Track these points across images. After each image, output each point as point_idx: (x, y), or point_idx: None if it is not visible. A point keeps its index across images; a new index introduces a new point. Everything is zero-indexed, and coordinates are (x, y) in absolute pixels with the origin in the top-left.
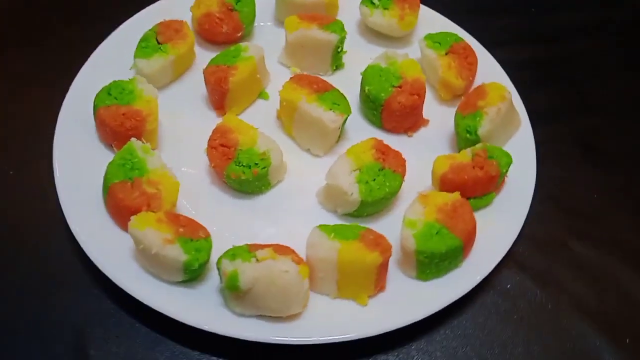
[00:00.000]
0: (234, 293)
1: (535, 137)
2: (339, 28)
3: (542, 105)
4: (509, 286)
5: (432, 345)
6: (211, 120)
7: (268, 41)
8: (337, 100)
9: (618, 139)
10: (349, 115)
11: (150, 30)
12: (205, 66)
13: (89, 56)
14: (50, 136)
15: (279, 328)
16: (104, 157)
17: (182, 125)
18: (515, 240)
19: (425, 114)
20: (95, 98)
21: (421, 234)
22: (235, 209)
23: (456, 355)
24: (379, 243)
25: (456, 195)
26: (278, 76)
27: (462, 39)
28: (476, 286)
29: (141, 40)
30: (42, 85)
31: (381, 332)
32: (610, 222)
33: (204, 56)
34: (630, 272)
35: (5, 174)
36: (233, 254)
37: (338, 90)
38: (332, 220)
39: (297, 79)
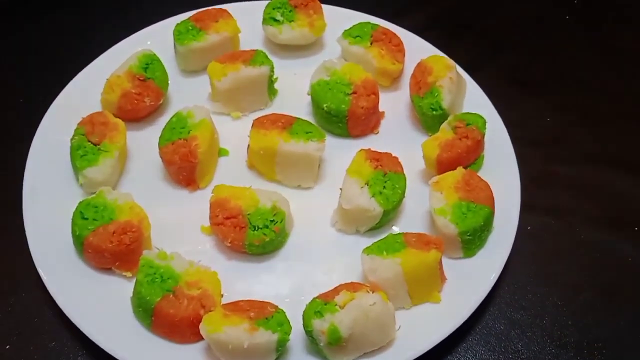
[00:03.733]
0: (337, 346)
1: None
2: (264, 57)
3: (463, 58)
4: (529, 227)
5: (514, 300)
6: (188, 198)
7: (189, 96)
8: (307, 129)
9: (540, 68)
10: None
11: (75, 135)
12: (142, 149)
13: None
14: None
15: (385, 357)
16: (112, 284)
17: (162, 214)
18: None
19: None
20: (73, 227)
21: (456, 217)
22: (266, 272)
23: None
24: (427, 241)
25: (460, 170)
26: (222, 127)
27: (377, 25)
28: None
29: (74, 149)
30: None
31: (469, 313)
32: (571, 137)
33: (132, 138)
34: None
35: None
36: (317, 311)
37: (301, 119)
38: (357, 240)
39: (259, 124)
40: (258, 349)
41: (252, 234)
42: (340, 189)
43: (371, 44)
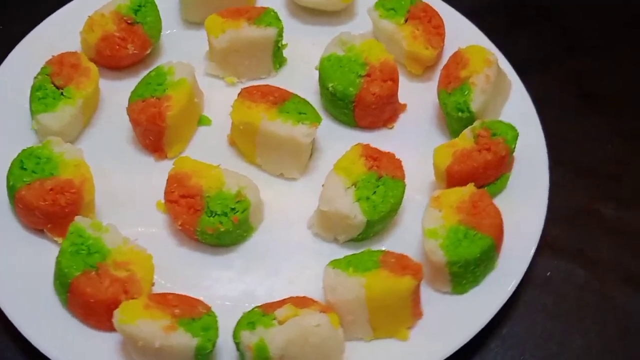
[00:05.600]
0: None
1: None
2: (274, 18)
3: (520, 55)
4: (548, 274)
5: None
6: (152, 166)
7: (183, 52)
8: (301, 109)
9: (615, 80)
10: (320, 123)
11: (40, 74)
12: (118, 102)
13: None
14: None
15: None
16: (40, 247)
17: (118, 181)
18: None
19: (400, 97)
20: (8, 177)
21: (448, 242)
22: (218, 268)
23: None
24: (405, 265)
25: (470, 187)
26: (212, 92)
27: None
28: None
29: (35, 90)
30: None
31: None
32: (635, 173)
33: (108, 88)
34: None
35: None
36: (250, 322)
37: (298, 96)
38: (334, 250)
39: (247, 94)
40: (171, 353)
41: (206, 220)
42: (323, 185)
43: (406, 21)
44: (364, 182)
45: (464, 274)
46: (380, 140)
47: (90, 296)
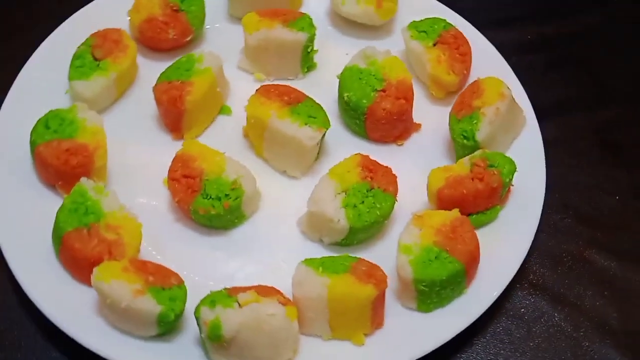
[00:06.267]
0: (217, 344)
1: (544, 135)
2: (307, 24)
3: (551, 96)
4: (522, 310)
5: None
6: (168, 145)
7: (223, 44)
8: (312, 113)
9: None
10: (327, 129)
11: (83, 44)
12: (153, 81)
13: (13, 78)
14: None
15: None
16: (49, 201)
17: (134, 153)
18: (528, 257)
19: (417, 116)
20: (31, 133)
21: (418, 260)
22: (206, 248)
23: None
24: (372, 274)
25: (455, 212)
26: (240, 85)
27: (451, 26)
28: (487, 312)
29: (75, 58)
30: None
31: None
32: (636, 230)
33: (149, 68)
34: None
35: None
36: (212, 300)
37: (313, 100)
38: (318, 251)
39: (264, 91)
40: (135, 315)
41: (199, 201)
42: (315, 187)
43: (435, 44)
44: (355, 190)
45: (430, 293)
46: (387, 155)
47: (77, 251)
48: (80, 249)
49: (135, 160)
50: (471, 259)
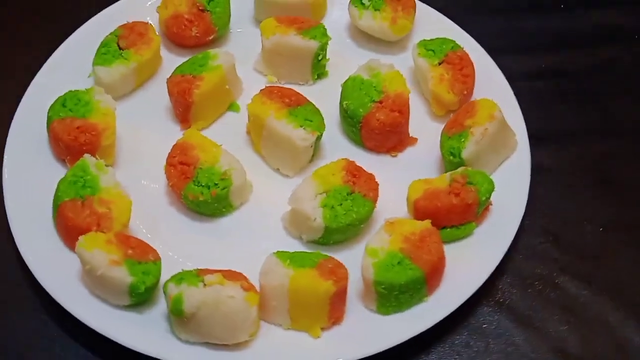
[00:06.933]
0: (179, 318)
1: (539, 162)
2: (320, 33)
3: (553, 124)
4: (485, 326)
5: None
6: (175, 134)
7: (245, 46)
8: (310, 116)
9: (636, 171)
10: (322, 133)
11: (111, 34)
12: (169, 74)
13: (44, 61)
14: None
15: (224, 356)
16: (57, 173)
17: (143, 139)
18: (499, 277)
19: (415, 131)
20: (49, 109)
21: (382, 263)
22: (193, 232)
23: None
24: (334, 271)
25: (426, 223)
26: (252, 85)
27: (460, 47)
28: (448, 324)
29: (101, 46)
30: None
31: None
32: (613, 262)
33: (172, 61)
34: (623, 317)
35: None
36: (181, 277)
37: (313, 105)
38: (297, 247)
39: (267, 92)
40: (108, 283)
41: (190, 187)
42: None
43: (440, 63)
44: (335, 192)
45: (388, 296)
46: (380, 164)
47: (69, 220)
48: (72, 218)
49: (144, 146)
50: (433, 269)
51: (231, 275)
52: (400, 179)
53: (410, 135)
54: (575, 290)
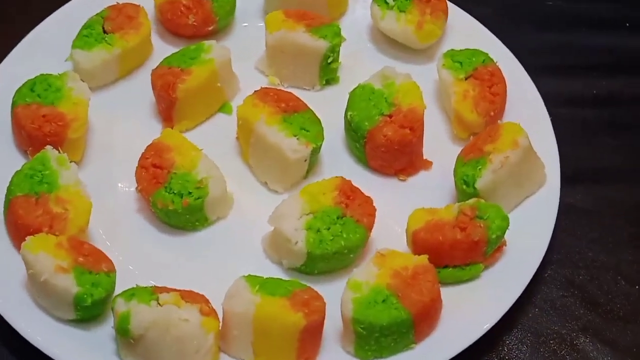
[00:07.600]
0: (125, 339)
1: (571, 201)
2: (332, 33)
3: (593, 159)
4: None
5: None
6: (156, 134)
7: (249, 42)
8: (307, 125)
9: None
10: (319, 146)
11: (97, 14)
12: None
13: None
14: None
15: None
16: (18, 165)
17: (119, 136)
18: (507, 330)
19: (431, 153)
20: (15, 93)
21: (363, 299)
22: (159, 245)
23: None
24: (308, 303)
25: (422, 259)
26: (251, 85)
27: (492, 61)
28: None
29: (84, 27)
30: None
31: None
32: (633, 321)
33: (165, 52)
34: None
35: None
36: (132, 293)
37: (312, 113)
38: (277, 274)
39: (262, 93)
40: (52, 291)
41: (160, 193)
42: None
43: (467, 77)
44: (324, 214)
45: (368, 338)
46: (384, 188)
47: (19, 217)
48: (22, 216)
49: (119, 143)
50: (423, 312)
51: (190, 297)
52: (407, 207)
53: (425, 158)
54: (597, 354)
